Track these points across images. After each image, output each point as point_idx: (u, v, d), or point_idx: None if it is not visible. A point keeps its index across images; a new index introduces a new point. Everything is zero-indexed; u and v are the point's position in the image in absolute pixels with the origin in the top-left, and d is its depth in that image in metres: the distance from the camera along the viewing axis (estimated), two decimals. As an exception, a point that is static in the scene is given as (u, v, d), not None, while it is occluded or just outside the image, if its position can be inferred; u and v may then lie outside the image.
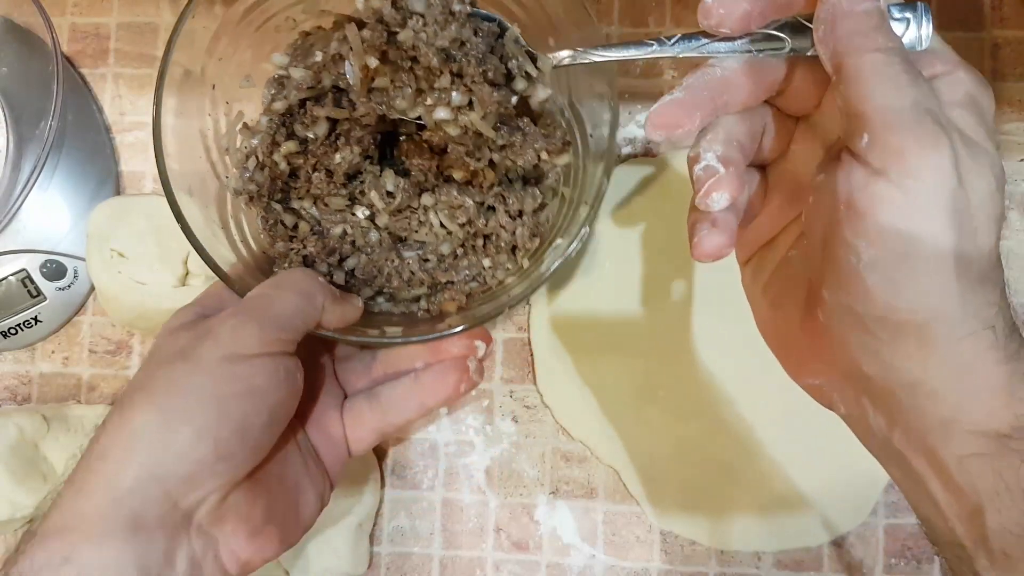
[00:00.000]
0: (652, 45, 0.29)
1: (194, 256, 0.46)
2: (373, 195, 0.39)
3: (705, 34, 0.28)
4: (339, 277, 0.40)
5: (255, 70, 0.41)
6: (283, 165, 0.40)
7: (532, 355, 0.49)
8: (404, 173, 0.40)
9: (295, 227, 0.41)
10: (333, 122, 0.39)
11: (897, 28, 0.26)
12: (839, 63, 0.25)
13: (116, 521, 0.27)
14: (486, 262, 0.41)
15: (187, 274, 0.47)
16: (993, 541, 0.24)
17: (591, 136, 0.38)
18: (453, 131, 0.35)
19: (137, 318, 0.48)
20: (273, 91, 0.40)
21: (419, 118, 0.36)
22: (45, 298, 0.49)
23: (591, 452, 0.48)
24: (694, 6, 0.51)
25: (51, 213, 0.49)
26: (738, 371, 0.47)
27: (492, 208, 0.40)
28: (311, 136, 0.39)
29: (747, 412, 0.47)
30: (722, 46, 0.28)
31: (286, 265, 0.40)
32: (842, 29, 0.25)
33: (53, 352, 0.51)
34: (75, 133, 0.49)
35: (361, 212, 0.40)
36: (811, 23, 0.26)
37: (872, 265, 0.24)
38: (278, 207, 0.41)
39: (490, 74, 0.34)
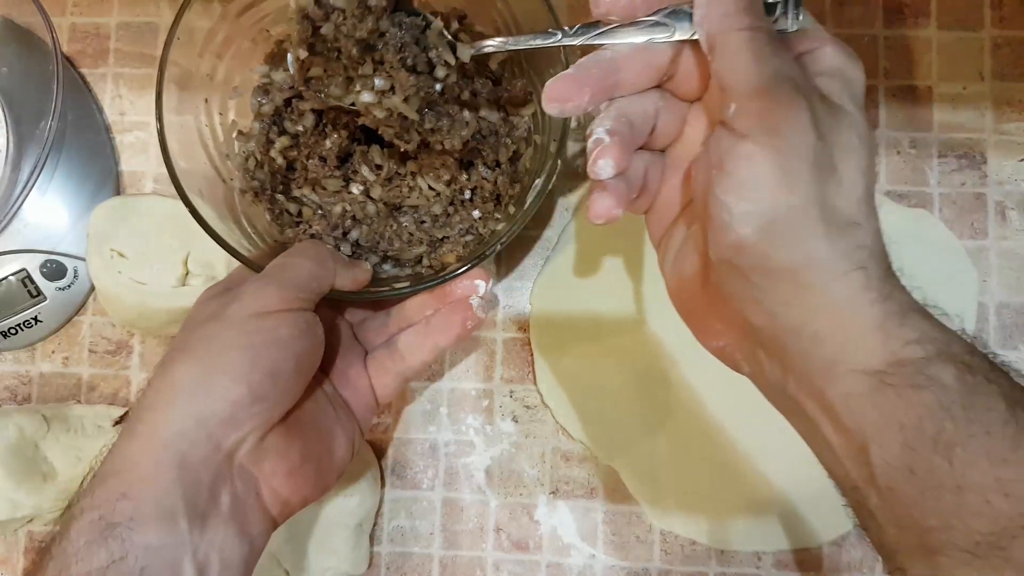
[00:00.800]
0: (557, 35, 0.32)
1: (194, 256, 0.46)
2: (364, 170, 0.43)
3: (601, 23, 0.31)
4: (345, 248, 0.43)
5: (241, 81, 0.44)
6: (280, 160, 0.43)
7: (532, 355, 0.49)
8: (389, 146, 0.43)
9: (299, 213, 0.45)
10: (319, 114, 0.43)
11: (768, 10, 0.29)
12: (712, 43, 0.28)
13: (166, 461, 0.30)
14: (475, 213, 0.44)
15: (187, 274, 0.47)
16: (879, 477, 0.26)
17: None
18: (379, 114, 0.38)
19: (137, 318, 0.48)
20: (260, 98, 0.44)
21: (353, 104, 0.38)
22: (45, 298, 0.49)
23: (591, 452, 0.48)
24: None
25: (51, 213, 0.49)
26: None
27: (472, 164, 0.43)
28: (301, 129, 0.43)
29: (747, 412, 0.46)
30: (616, 34, 0.30)
31: None
32: (715, 12, 0.28)
33: (53, 352, 0.51)
34: (75, 133, 0.49)
35: (356, 188, 0.44)
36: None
37: (743, 219, 0.27)
38: (281, 198, 0.44)
39: (409, 61, 0.37)
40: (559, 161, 0.39)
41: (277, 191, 0.44)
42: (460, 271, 0.40)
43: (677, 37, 0.30)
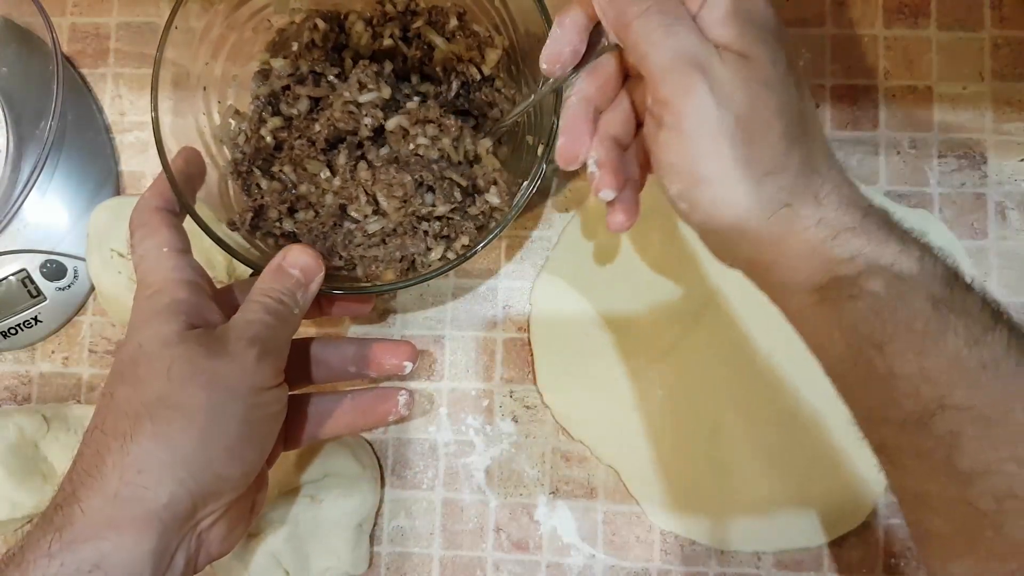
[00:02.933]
0: (532, 98, 0.37)
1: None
2: (340, 158, 0.43)
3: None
4: (287, 224, 0.43)
5: (241, 69, 0.44)
6: (269, 139, 0.44)
7: (532, 355, 0.49)
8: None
9: (261, 187, 0.44)
10: (314, 100, 0.44)
11: None
12: (622, 43, 0.31)
13: (147, 535, 0.30)
14: (422, 246, 0.44)
15: (187, 274, 0.47)
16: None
17: (540, 83, 0.41)
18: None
19: (137, 318, 0.48)
20: (258, 83, 0.44)
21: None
22: (45, 298, 0.49)
23: (591, 452, 0.48)
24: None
25: (51, 213, 0.49)
26: (738, 371, 0.47)
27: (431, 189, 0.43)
28: (295, 112, 0.44)
29: (747, 412, 0.47)
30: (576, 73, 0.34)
31: (247, 218, 0.42)
32: (610, 16, 0.30)
33: (53, 352, 0.51)
34: (75, 133, 0.49)
35: (324, 174, 0.43)
36: None
37: (678, 196, 0.31)
38: (257, 172, 0.44)
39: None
40: (544, 165, 0.39)
41: (256, 165, 0.44)
42: (398, 286, 0.42)
43: (606, 49, 0.34)
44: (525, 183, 0.40)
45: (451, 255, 0.42)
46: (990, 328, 0.28)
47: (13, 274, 0.48)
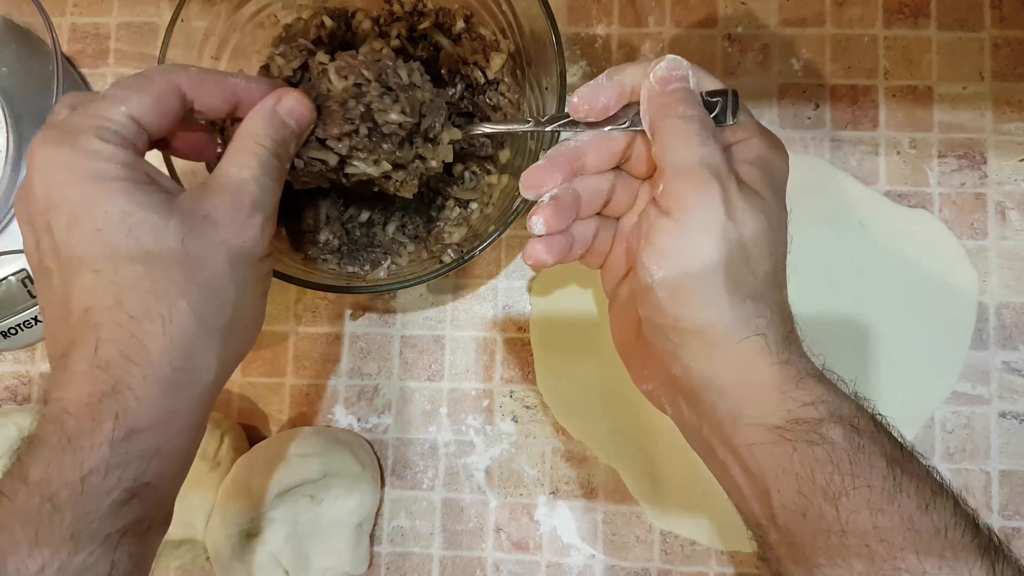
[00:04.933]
0: (531, 122, 0.38)
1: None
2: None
3: (566, 115, 0.36)
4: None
5: (246, 64, 0.44)
6: None
7: (532, 355, 0.49)
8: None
9: None
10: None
11: (711, 107, 0.33)
12: (653, 129, 0.33)
13: (200, 410, 0.31)
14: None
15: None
16: (778, 517, 0.30)
17: (545, 89, 0.42)
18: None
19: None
20: (263, 72, 0.44)
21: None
22: (45, 298, 0.49)
23: (591, 452, 0.48)
24: (694, 6, 0.51)
25: (51, 213, 0.49)
26: (738, 371, 0.47)
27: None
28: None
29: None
30: (580, 125, 0.35)
31: None
32: (654, 104, 0.33)
33: (53, 352, 0.51)
34: (75, 133, 0.49)
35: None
36: None
37: (660, 283, 0.31)
38: None
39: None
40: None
41: None
42: (452, 265, 0.41)
43: (630, 128, 0.35)
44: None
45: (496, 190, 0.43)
46: (938, 493, 0.28)
47: (13, 274, 0.48)
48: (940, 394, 0.47)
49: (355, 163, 0.37)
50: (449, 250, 0.44)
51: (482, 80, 0.44)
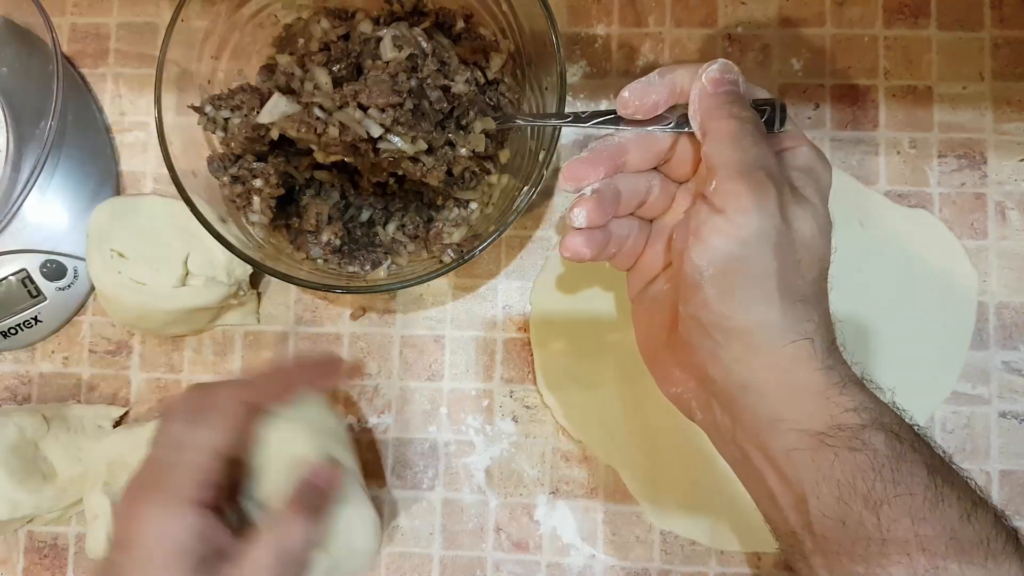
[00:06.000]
0: (570, 117, 0.37)
1: (194, 256, 0.46)
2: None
3: (610, 112, 0.36)
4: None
5: (246, 64, 0.44)
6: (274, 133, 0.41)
7: (532, 355, 0.49)
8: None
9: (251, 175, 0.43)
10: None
11: (760, 115, 0.33)
12: (704, 129, 0.33)
13: None
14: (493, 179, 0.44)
15: (187, 274, 0.47)
16: (815, 525, 0.29)
17: (545, 89, 0.42)
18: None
19: (137, 318, 0.48)
20: (263, 78, 0.44)
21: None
22: (45, 298, 0.49)
23: (591, 452, 0.48)
24: (694, 6, 0.51)
25: (51, 213, 0.49)
26: (738, 371, 0.47)
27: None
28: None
29: (747, 412, 0.47)
30: (624, 123, 0.35)
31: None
32: (706, 105, 0.33)
33: (53, 352, 0.51)
34: (75, 133, 0.49)
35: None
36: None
37: (710, 280, 0.31)
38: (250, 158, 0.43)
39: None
40: (545, 171, 0.39)
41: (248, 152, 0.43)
42: (397, 286, 0.40)
43: (675, 129, 0.35)
44: (526, 188, 0.40)
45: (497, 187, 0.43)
46: (979, 504, 0.28)
47: (13, 274, 0.48)
48: (940, 394, 0.47)
49: (393, 138, 0.37)
50: (449, 250, 0.44)
51: (482, 80, 0.44)
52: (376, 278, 0.44)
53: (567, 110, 0.38)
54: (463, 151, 0.39)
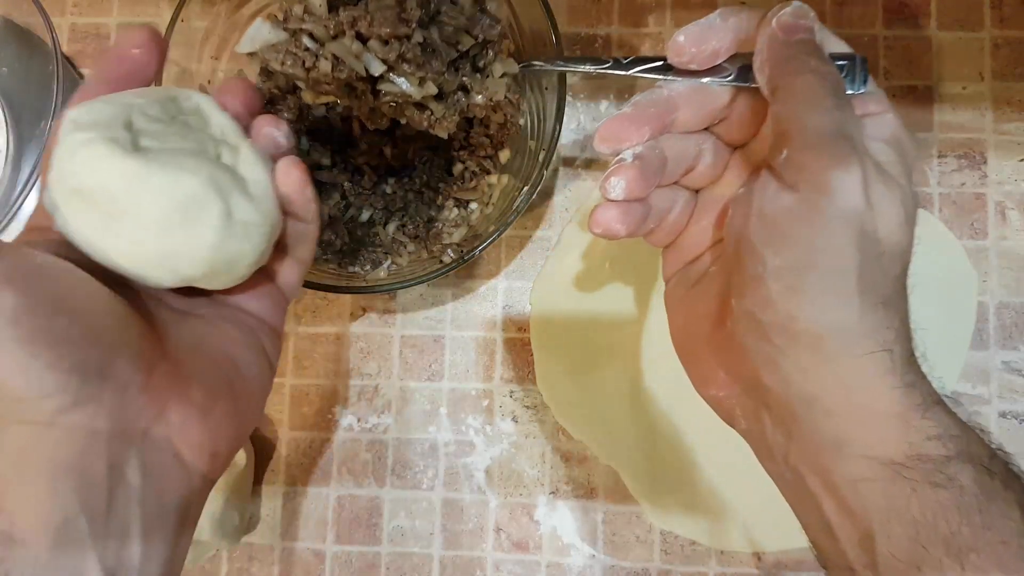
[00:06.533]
0: (609, 62, 0.32)
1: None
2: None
3: (658, 58, 0.30)
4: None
5: (246, 64, 0.44)
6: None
7: (532, 355, 0.49)
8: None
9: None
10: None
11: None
12: (775, 85, 0.27)
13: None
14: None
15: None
16: (882, 568, 0.25)
17: (546, 89, 0.41)
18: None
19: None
20: (263, 78, 0.43)
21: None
22: (45, 298, 0.49)
23: (591, 452, 0.48)
24: (695, 7, 0.51)
25: (51, 213, 0.49)
26: (738, 371, 0.47)
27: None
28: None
29: (747, 412, 0.47)
30: (675, 72, 0.30)
31: None
32: (778, 55, 0.27)
33: (53, 352, 0.51)
34: (75, 133, 0.49)
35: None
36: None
37: (776, 273, 0.25)
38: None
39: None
40: (544, 171, 0.39)
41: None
42: (398, 286, 0.39)
43: (736, 82, 0.29)
44: (525, 188, 0.40)
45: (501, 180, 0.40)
46: None
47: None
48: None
49: (396, 78, 0.31)
50: (449, 250, 0.44)
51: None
52: (376, 278, 0.44)
53: (607, 57, 0.33)
54: (479, 98, 0.34)
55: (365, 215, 0.46)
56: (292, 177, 0.31)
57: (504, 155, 0.45)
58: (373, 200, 0.46)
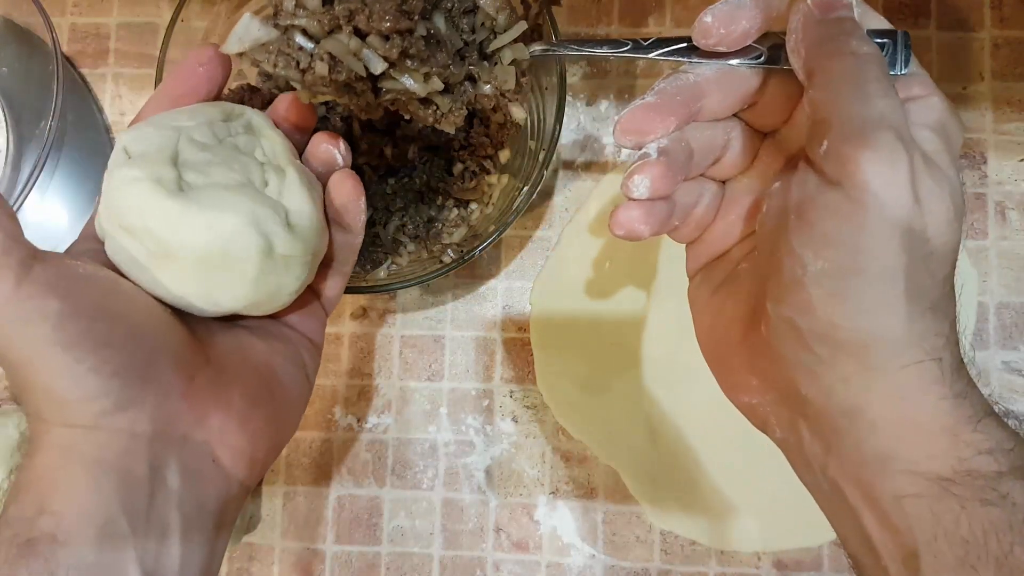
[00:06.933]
0: (627, 44, 0.29)
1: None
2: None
3: (681, 39, 0.28)
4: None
5: (246, 64, 0.43)
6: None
7: (532, 355, 0.49)
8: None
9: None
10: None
11: None
12: (811, 68, 0.25)
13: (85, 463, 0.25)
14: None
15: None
16: None
17: (545, 89, 0.41)
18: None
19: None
20: (263, 78, 0.41)
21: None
22: (45, 298, 0.49)
23: (591, 452, 0.48)
24: (694, 6, 0.51)
25: (51, 213, 0.49)
26: (738, 371, 0.47)
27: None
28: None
29: (747, 412, 0.47)
30: (701, 54, 0.27)
31: None
32: (814, 35, 0.25)
33: (53, 352, 0.51)
34: (75, 133, 0.49)
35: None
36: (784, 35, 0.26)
37: (817, 277, 0.24)
38: None
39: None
40: (544, 172, 0.39)
41: None
42: (397, 286, 0.40)
43: (767, 64, 0.27)
44: (525, 188, 0.40)
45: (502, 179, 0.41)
46: None
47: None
48: (940, 394, 0.47)
49: (400, 75, 0.29)
50: (449, 250, 0.44)
51: None
52: (376, 278, 0.44)
53: (624, 38, 0.30)
54: (487, 88, 0.32)
55: None
56: (347, 186, 0.32)
57: (504, 155, 0.45)
58: (373, 200, 0.46)
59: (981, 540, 0.22)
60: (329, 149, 0.33)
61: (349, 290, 0.41)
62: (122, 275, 0.28)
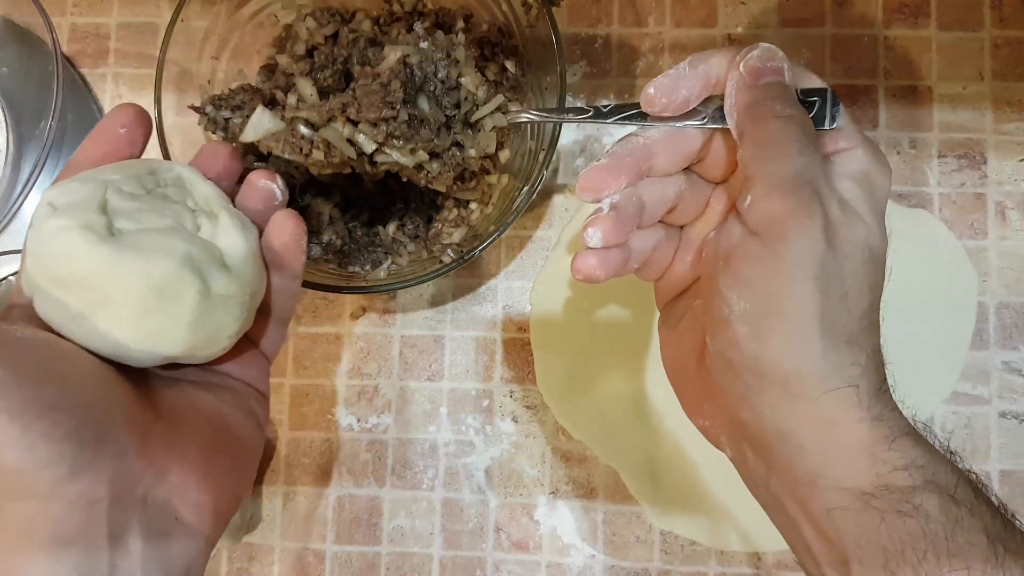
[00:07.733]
0: (590, 112, 0.33)
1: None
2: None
3: (634, 105, 0.31)
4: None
5: (246, 64, 0.44)
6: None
7: (532, 355, 0.49)
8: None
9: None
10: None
11: (806, 108, 0.28)
12: (742, 130, 0.28)
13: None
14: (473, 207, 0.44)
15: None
16: None
17: (545, 89, 0.41)
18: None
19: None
20: (263, 78, 0.43)
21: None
22: (45, 298, 0.49)
23: (591, 452, 0.48)
24: (694, 7, 0.51)
25: (51, 213, 0.49)
26: (738, 371, 0.47)
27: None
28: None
29: (747, 412, 0.47)
30: (648, 117, 0.31)
31: None
32: (745, 100, 0.28)
33: (53, 352, 0.51)
34: (75, 133, 0.49)
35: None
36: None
37: (741, 316, 0.27)
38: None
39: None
40: (544, 172, 0.39)
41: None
42: (397, 286, 0.40)
43: (710, 124, 0.30)
44: (525, 188, 0.40)
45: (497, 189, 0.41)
46: None
47: (13, 274, 0.48)
48: (940, 394, 0.47)
49: (390, 151, 0.34)
50: (449, 250, 0.44)
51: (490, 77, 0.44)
52: (376, 278, 0.44)
53: (588, 105, 0.35)
54: (472, 152, 0.36)
55: (365, 215, 0.46)
56: (289, 226, 0.32)
57: (504, 155, 0.45)
58: (373, 200, 0.46)
59: (899, 548, 0.25)
60: (268, 184, 0.33)
61: (349, 290, 0.41)
62: (56, 333, 0.27)
